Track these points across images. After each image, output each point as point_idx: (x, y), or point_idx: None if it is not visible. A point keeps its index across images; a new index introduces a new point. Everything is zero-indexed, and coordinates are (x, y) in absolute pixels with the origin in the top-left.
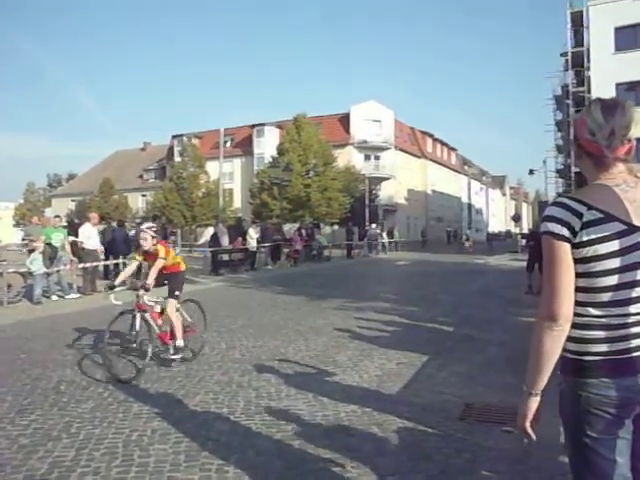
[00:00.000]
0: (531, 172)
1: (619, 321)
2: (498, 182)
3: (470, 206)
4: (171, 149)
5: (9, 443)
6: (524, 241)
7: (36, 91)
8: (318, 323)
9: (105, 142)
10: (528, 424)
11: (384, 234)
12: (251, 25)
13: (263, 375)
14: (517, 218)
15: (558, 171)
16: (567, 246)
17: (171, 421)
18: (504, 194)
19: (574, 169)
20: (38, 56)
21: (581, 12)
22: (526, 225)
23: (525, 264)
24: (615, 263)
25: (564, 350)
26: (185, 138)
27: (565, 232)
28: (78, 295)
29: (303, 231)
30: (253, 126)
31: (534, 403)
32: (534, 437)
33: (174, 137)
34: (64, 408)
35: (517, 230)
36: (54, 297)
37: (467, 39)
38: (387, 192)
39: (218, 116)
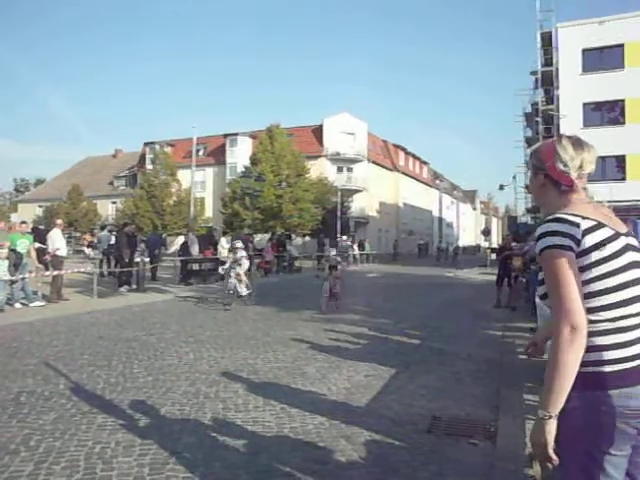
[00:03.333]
0: (501, 187)
1: (631, 322)
2: (469, 196)
3: (441, 220)
4: (143, 156)
5: None
6: (493, 255)
7: (5, 93)
8: (288, 334)
9: (76, 148)
10: (552, 450)
11: (355, 246)
12: (229, 35)
13: (231, 386)
14: (487, 232)
15: (527, 187)
16: (573, 256)
17: (136, 433)
18: (474, 208)
19: None
20: (8, 57)
21: (550, 33)
22: (496, 239)
23: (494, 278)
24: (617, 263)
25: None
26: (157, 146)
27: (569, 242)
28: (43, 303)
29: (275, 241)
30: (226, 135)
31: (554, 426)
32: (557, 461)
33: (146, 144)
34: (23, 420)
35: (487, 244)
36: (17, 305)
37: (440, 55)
38: (359, 204)
39: (191, 124)
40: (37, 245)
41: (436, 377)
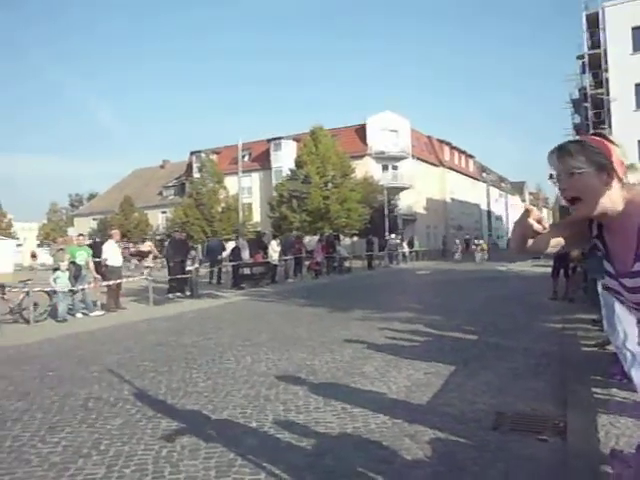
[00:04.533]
0: (551, 177)
1: None
2: (517, 188)
3: (490, 213)
4: (189, 165)
5: (40, 461)
6: None
7: (56, 110)
8: (343, 334)
9: (124, 160)
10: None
11: (404, 244)
12: (264, 43)
13: (290, 388)
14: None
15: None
16: None
17: (200, 436)
18: (524, 200)
19: None
20: (58, 75)
21: (597, 13)
22: None
23: (549, 270)
24: None
25: None
26: (203, 154)
27: None
28: (102, 312)
29: (324, 242)
30: (270, 140)
31: None
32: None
33: (192, 153)
34: (93, 425)
35: None
36: (79, 315)
37: (482, 42)
38: (406, 202)
39: (235, 131)
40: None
41: (495, 373)
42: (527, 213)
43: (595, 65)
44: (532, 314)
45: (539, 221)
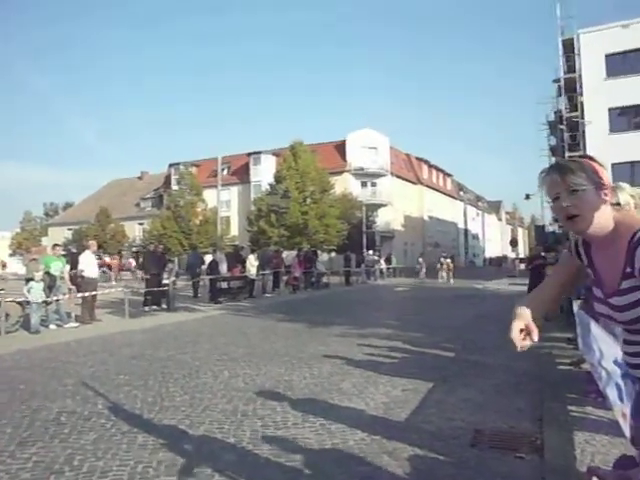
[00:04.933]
0: (527, 197)
1: None
2: (494, 207)
3: (467, 231)
4: (168, 177)
5: (10, 478)
6: (522, 265)
7: (35, 120)
8: (321, 350)
9: (102, 171)
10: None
11: (382, 260)
12: (247, 55)
13: (268, 403)
14: (514, 243)
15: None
16: None
17: (177, 452)
18: (500, 219)
19: None
20: (39, 85)
21: (572, 39)
22: (522, 250)
23: (525, 288)
24: None
25: None
26: (182, 166)
27: None
28: (77, 324)
29: (302, 257)
30: (250, 154)
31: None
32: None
33: (171, 165)
34: (65, 440)
35: (514, 255)
36: (52, 326)
37: (461, 66)
38: (384, 218)
39: (214, 145)
40: (68, 268)
41: (475, 390)
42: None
43: (570, 89)
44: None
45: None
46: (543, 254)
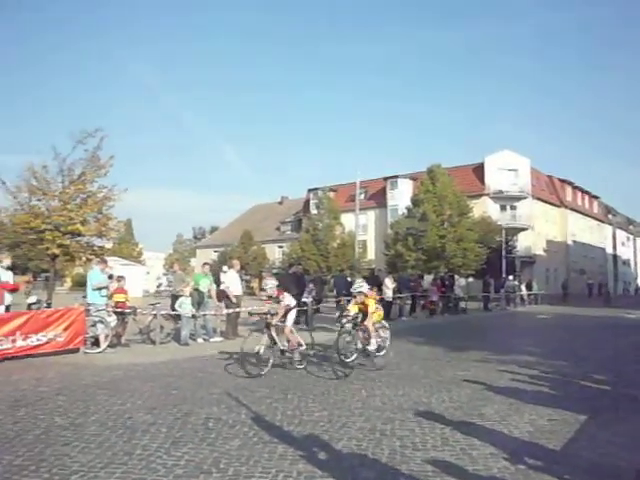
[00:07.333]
0: None
1: None
2: None
3: (616, 257)
4: (307, 202)
5: (166, 471)
6: None
7: (184, 147)
8: (460, 375)
9: (244, 196)
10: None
11: (522, 286)
12: (378, 81)
13: (406, 424)
14: None
15: None
16: None
17: (316, 464)
18: None
19: None
20: (189, 118)
21: None
22: None
23: None
24: None
25: None
26: (321, 191)
27: None
28: (221, 339)
29: (439, 281)
30: (386, 178)
31: None
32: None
33: (310, 190)
34: (213, 444)
35: None
36: (200, 340)
37: (606, 79)
38: (524, 243)
39: (351, 169)
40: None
41: (633, 426)
42: None
43: None
44: None
45: None
46: None
